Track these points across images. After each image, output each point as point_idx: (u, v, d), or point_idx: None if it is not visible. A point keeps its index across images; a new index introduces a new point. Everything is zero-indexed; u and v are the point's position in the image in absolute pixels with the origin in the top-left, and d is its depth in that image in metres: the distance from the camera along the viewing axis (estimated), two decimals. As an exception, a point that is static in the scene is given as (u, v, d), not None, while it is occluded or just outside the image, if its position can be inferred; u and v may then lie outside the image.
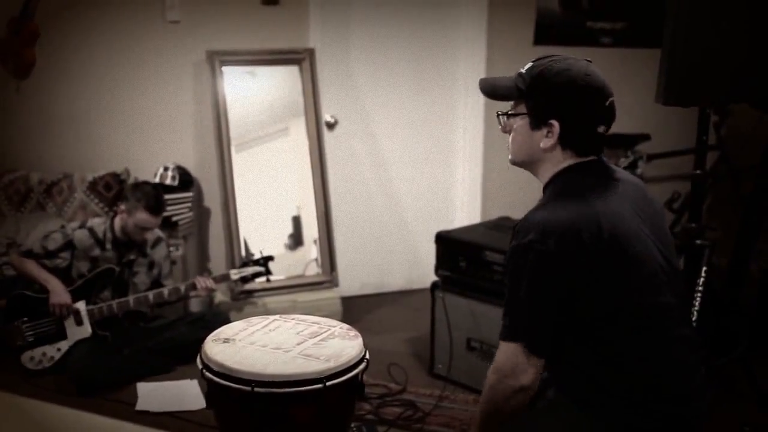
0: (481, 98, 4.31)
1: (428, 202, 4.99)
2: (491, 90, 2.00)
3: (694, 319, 2.94)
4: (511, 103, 1.96)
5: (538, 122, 1.89)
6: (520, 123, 1.92)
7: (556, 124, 1.86)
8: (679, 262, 3.26)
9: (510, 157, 1.99)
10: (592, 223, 1.78)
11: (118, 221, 3.73)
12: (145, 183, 3.89)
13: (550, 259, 1.76)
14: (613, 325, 1.81)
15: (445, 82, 4.83)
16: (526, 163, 1.97)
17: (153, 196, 3.67)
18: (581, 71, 1.86)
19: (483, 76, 4.72)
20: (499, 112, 1.99)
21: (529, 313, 1.80)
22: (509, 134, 1.97)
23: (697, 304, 2.99)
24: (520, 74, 1.92)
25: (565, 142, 1.88)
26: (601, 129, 1.88)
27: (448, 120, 4.90)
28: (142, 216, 3.64)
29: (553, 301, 1.79)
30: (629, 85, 4.85)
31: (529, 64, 1.93)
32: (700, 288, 3.03)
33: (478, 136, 4.88)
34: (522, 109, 1.92)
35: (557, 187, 1.90)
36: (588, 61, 1.92)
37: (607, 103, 1.87)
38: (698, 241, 3.10)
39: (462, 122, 4.87)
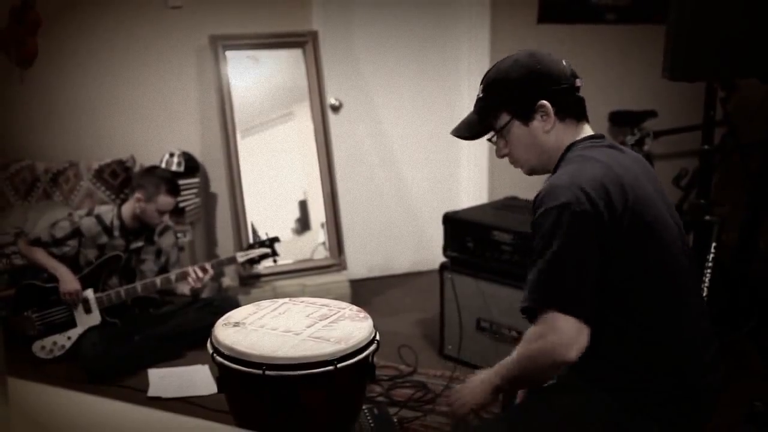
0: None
1: (434, 182, 4.97)
2: (470, 128, 2.01)
3: (704, 295, 2.94)
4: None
5: (528, 114, 1.91)
6: (513, 129, 1.93)
7: (545, 102, 1.88)
8: (689, 238, 3.29)
9: (524, 169, 2.00)
10: (616, 183, 1.77)
11: (128, 209, 3.74)
12: (155, 167, 3.95)
13: (587, 218, 1.72)
14: (635, 292, 1.79)
15: (449, 60, 4.80)
16: (541, 159, 1.95)
17: (170, 179, 3.77)
18: (525, 54, 1.93)
19: (487, 56, 4.70)
20: (490, 138, 1.99)
21: (578, 280, 1.72)
22: (508, 155, 1.98)
23: (707, 280, 2.98)
24: (480, 99, 1.98)
25: (560, 112, 1.90)
26: (578, 83, 1.92)
27: (453, 99, 4.88)
28: (165, 199, 3.70)
29: (593, 263, 1.74)
30: (635, 61, 4.83)
31: (481, 86, 1.98)
32: (710, 264, 3.02)
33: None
34: (505, 118, 1.93)
35: (569, 158, 1.89)
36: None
37: (565, 63, 1.92)
38: (707, 217, 3.09)
39: (467, 102, 4.83)
